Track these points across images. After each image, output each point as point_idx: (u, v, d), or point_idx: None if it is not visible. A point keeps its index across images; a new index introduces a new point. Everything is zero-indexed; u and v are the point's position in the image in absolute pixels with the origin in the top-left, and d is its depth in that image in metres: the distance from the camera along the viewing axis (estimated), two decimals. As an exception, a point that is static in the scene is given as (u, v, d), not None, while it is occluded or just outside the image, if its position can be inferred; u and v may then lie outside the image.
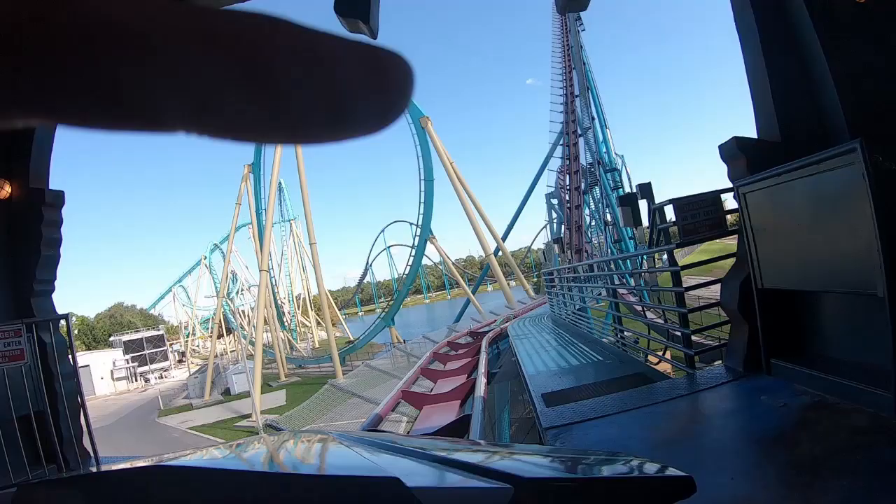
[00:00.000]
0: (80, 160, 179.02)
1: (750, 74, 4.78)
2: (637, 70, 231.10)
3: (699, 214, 4.81)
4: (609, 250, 38.03)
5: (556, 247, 27.30)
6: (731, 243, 5.00)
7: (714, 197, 4.93)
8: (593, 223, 43.68)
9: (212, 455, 1.66)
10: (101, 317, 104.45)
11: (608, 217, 41.92)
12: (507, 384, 11.28)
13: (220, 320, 67.10)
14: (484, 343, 12.54)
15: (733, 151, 4.53)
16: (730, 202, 4.95)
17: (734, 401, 4.25)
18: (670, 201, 4.98)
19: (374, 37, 5.01)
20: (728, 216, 4.98)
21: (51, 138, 5.90)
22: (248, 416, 34.45)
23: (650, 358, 6.65)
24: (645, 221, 9.68)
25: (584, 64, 53.38)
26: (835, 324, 3.93)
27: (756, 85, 4.71)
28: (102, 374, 73.07)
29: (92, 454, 6.02)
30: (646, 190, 8.66)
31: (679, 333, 5.34)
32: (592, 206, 44.02)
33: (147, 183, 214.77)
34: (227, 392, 49.55)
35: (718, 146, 4.70)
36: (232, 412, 39.84)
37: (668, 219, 5.42)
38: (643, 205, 10.23)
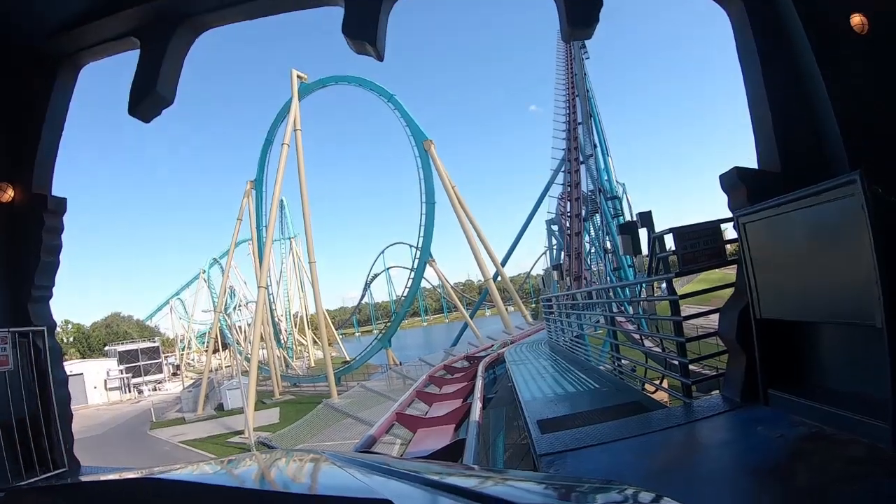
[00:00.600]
0: (86, 167, 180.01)
1: (751, 104, 4.83)
2: (639, 100, 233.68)
3: (699, 244, 4.82)
4: (608, 278, 37.96)
5: (555, 273, 27.30)
6: (730, 273, 4.99)
7: (714, 227, 4.94)
8: (593, 250, 43.64)
9: (202, 470, 1.64)
10: (97, 326, 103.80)
11: (608, 245, 41.90)
12: (502, 410, 11.18)
13: (216, 335, 66.65)
14: (480, 368, 12.51)
15: (734, 181, 4.56)
16: (730, 232, 4.96)
17: (730, 431, 4.21)
18: (670, 230, 4.99)
19: (381, 59, 5.05)
20: (727, 246, 4.99)
21: (56, 144, 5.93)
22: (241, 432, 34.17)
23: (647, 387, 6.61)
24: (645, 250, 9.66)
25: (588, 91, 53.69)
26: (833, 354, 3.91)
27: (757, 114, 4.76)
28: (96, 383, 72.67)
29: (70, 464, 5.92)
30: (646, 218, 8.68)
31: (676, 362, 5.31)
32: (592, 234, 44.04)
33: (152, 194, 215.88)
34: (220, 407, 49.26)
35: (719, 176, 4.73)
36: (225, 428, 39.50)
37: (667, 248, 5.43)
38: (643, 233, 10.15)
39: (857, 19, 4.28)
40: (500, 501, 0.98)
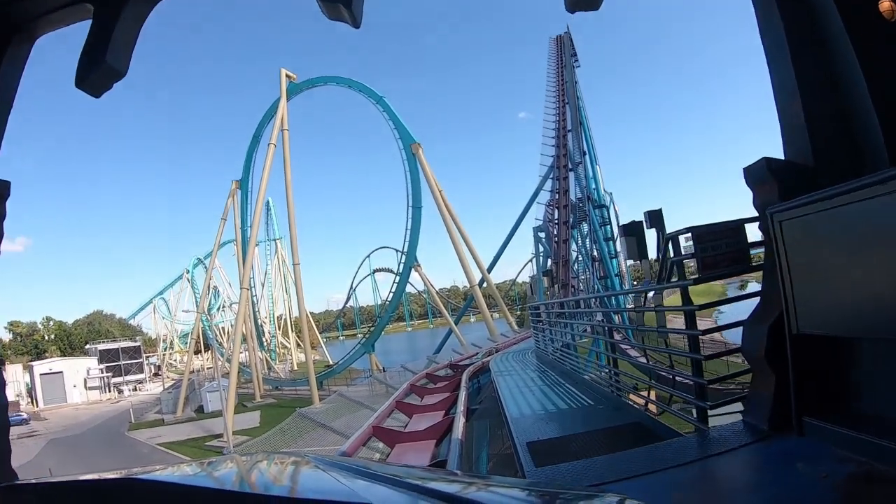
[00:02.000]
0: (74, 158, 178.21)
1: (777, 93, 4.25)
2: (628, 112, 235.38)
3: (720, 246, 4.18)
4: (595, 286, 37.52)
5: (545, 279, 26.76)
6: (715, 286, 4.45)
7: (737, 226, 4.29)
8: (579, 259, 43.25)
9: (182, 472, 1.62)
10: (79, 323, 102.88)
11: (595, 253, 41.56)
12: (486, 422, 10.60)
13: (197, 336, 65.72)
14: (464, 377, 11.90)
15: (762, 174, 3.93)
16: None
17: (763, 468, 3.56)
18: (688, 230, 4.34)
19: (357, 25, 4.37)
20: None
21: (3, 122, 5.24)
22: (220, 435, 33.62)
23: (650, 406, 5.97)
24: (651, 253, 9.03)
25: (578, 99, 53.79)
26: (883, 376, 3.29)
27: (784, 105, 4.17)
28: (76, 382, 72.49)
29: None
30: (656, 218, 7.79)
31: (690, 382, 4.67)
32: (580, 242, 43.70)
33: (138, 190, 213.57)
34: (200, 409, 48.87)
35: (744, 168, 4.11)
36: (203, 431, 39.32)
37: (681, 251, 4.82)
38: (650, 235, 9.35)
39: (885, 5, 3.75)
40: None
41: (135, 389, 76.59)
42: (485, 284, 46.88)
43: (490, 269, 49.85)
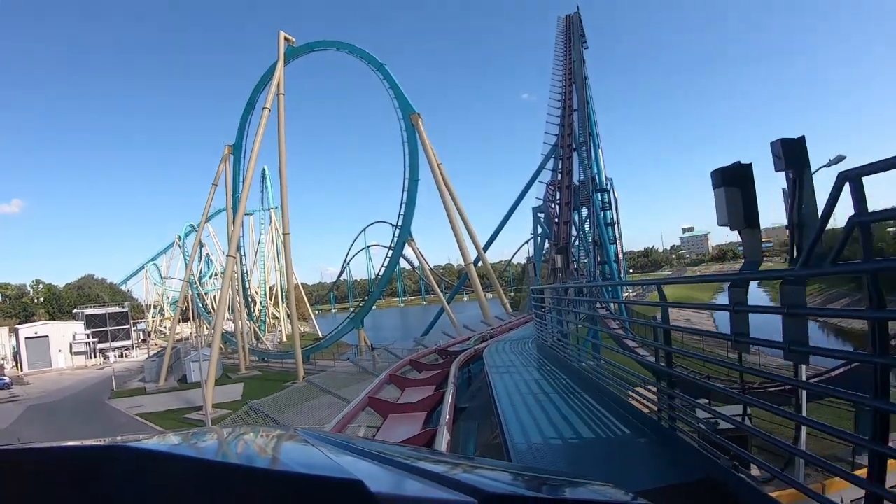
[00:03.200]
0: (73, 120, 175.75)
1: None
2: (629, 103, 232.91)
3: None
4: (595, 272, 36.03)
5: (558, 258, 24.75)
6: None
7: None
8: (577, 243, 41.69)
9: (166, 441, 1.58)
10: (69, 287, 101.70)
11: (595, 237, 40.07)
12: (475, 425, 9.23)
13: (183, 303, 64.42)
14: (453, 368, 10.41)
15: None
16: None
17: None
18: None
19: None
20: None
21: None
22: (200, 408, 32.45)
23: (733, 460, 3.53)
24: (770, 219, 5.86)
25: (586, 79, 52.03)
26: None
27: None
28: (61, 346, 71.87)
29: None
30: (795, 147, 3.97)
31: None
32: (578, 225, 42.15)
33: (136, 153, 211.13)
34: (183, 379, 47.47)
35: None
36: (184, 402, 38.53)
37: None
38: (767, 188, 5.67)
39: None
40: (471, 488, 0.97)
41: (121, 356, 76.18)
42: (480, 263, 45.43)
43: (486, 248, 48.40)
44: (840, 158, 14.13)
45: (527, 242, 74.13)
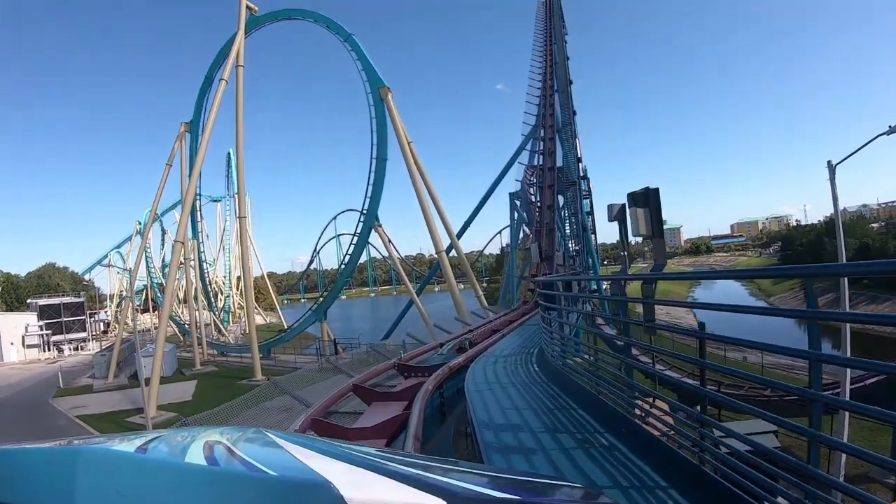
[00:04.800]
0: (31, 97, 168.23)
1: None
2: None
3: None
4: (585, 264, 32.92)
5: (545, 241, 21.00)
6: None
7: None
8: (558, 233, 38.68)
9: (130, 443, 1.37)
10: (30, 276, 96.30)
11: (581, 224, 37.13)
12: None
13: (132, 294, 59.93)
14: (418, 402, 6.82)
15: None
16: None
17: None
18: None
19: None
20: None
21: None
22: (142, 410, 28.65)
23: None
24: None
25: (567, 59, 49.28)
26: None
27: None
28: (13, 339, 67.33)
29: None
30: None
31: None
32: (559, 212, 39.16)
33: (101, 137, 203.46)
34: (135, 376, 43.37)
35: None
36: (130, 402, 34.22)
37: None
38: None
39: None
40: (441, 491, 0.98)
41: (77, 349, 71.54)
42: (453, 252, 41.95)
43: (460, 236, 44.86)
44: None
45: (500, 232, 71.74)
